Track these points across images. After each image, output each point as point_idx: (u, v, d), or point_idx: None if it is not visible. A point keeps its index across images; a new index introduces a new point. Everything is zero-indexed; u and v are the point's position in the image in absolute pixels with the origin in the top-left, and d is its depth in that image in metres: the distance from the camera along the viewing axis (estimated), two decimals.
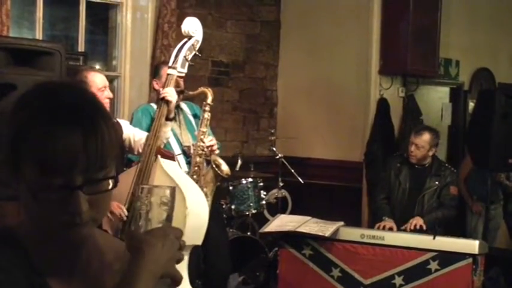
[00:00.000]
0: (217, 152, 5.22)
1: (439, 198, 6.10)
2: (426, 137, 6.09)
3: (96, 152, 1.31)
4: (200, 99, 5.45)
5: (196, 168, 5.11)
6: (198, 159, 5.12)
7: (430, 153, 6.16)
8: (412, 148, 6.09)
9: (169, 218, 1.46)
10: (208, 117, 5.18)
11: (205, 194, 5.13)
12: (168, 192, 1.45)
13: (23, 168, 1.30)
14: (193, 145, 5.18)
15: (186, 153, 5.24)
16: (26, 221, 1.38)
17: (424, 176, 6.16)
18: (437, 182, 6.11)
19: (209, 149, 5.12)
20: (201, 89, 5.42)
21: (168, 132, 4.82)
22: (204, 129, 5.13)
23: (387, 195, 6.26)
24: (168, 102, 4.64)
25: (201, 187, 5.09)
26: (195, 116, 5.48)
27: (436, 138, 6.21)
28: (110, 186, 1.37)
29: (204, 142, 5.10)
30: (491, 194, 7.21)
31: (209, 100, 5.24)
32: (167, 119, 4.68)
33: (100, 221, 1.40)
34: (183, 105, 5.46)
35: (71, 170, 1.29)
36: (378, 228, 5.88)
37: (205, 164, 5.16)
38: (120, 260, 1.45)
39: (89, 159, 1.30)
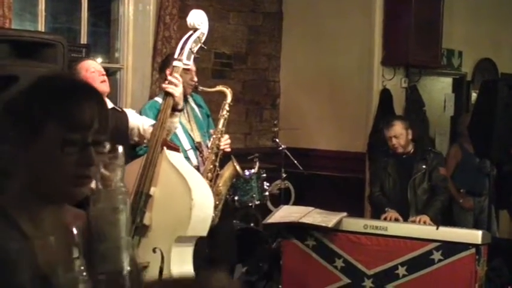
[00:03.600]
0: (228, 150, 5.24)
1: (430, 181, 6.15)
2: (398, 125, 6.21)
3: (105, 118, 1.68)
4: (215, 95, 5.46)
5: (211, 166, 5.11)
6: (213, 157, 5.13)
7: (410, 137, 6.25)
8: (394, 141, 6.19)
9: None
10: (227, 117, 5.20)
11: (221, 193, 5.14)
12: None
13: (49, 128, 1.61)
14: (211, 143, 5.18)
15: (198, 149, 5.25)
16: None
17: (411, 163, 6.22)
18: (424, 166, 6.18)
19: (224, 148, 5.14)
20: (220, 87, 5.39)
21: (176, 123, 4.78)
22: (223, 128, 5.16)
23: (381, 188, 6.31)
24: (171, 94, 4.58)
25: (218, 186, 5.11)
26: (198, 105, 5.48)
27: (406, 121, 6.38)
28: (106, 150, 1.68)
29: (220, 141, 5.13)
30: (478, 186, 7.23)
31: (229, 100, 5.24)
32: (175, 109, 4.63)
33: (94, 179, 1.68)
34: (188, 97, 5.44)
35: (88, 129, 1.63)
36: (385, 219, 5.89)
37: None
38: (80, 220, 1.73)
39: (100, 123, 1.66)
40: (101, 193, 1.65)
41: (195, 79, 5.29)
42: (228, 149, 5.24)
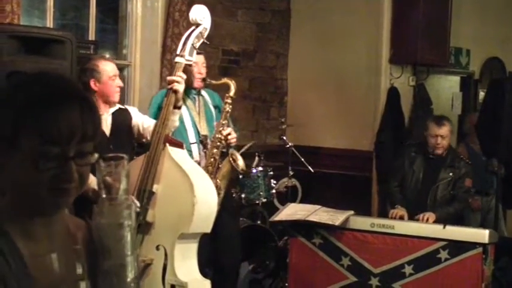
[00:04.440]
0: (233, 144, 5.23)
1: (452, 190, 6.10)
2: (448, 126, 6.12)
3: (92, 126, 1.53)
4: (222, 89, 5.45)
5: (212, 159, 5.10)
6: (214, 150, 5.11)
7: (450, 141, 6.22)
8: (439, 140, 6.07)
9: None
10: (230, 110, 5.18)
11: (219, 187, 5.13)
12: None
13: (24, 140, 1.47)
14: (212, 137, 5.17)
15: (202, 142, 5.24)
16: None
17: (439, 167, 6.15)
18: (451, 174, 6.10)
19: (227, 141, 5.12)
20: (225, 79, 5.41)
21: (176, 122, 4.79)
22: (224, 122, 5.13)
23: (400, 183, 6.26)
24: (175, 91, 4.59)
25: (216, 179, 5.10)
26: (216, 106, 5.46)
27: (452, 124, 6.30)
28: (94, 160, 1.56)
29: (222, 134, 5.10)
30: (486, 185, 7.21)
31: (232, 93, 5.23)
32: (175, 107, 4.64)
33: (81, 191, 1.56)
34: (204, 93, 5.43)
35: (68, 142, 1.49)
36: (391, 216, 5.89)
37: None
38: (81, 230, 1.67)
39: (84, 133, 1.51)
40: (104, 206, 1.58)
41: (203, 71, 5.28)
42: (233, 144, 5.24)
